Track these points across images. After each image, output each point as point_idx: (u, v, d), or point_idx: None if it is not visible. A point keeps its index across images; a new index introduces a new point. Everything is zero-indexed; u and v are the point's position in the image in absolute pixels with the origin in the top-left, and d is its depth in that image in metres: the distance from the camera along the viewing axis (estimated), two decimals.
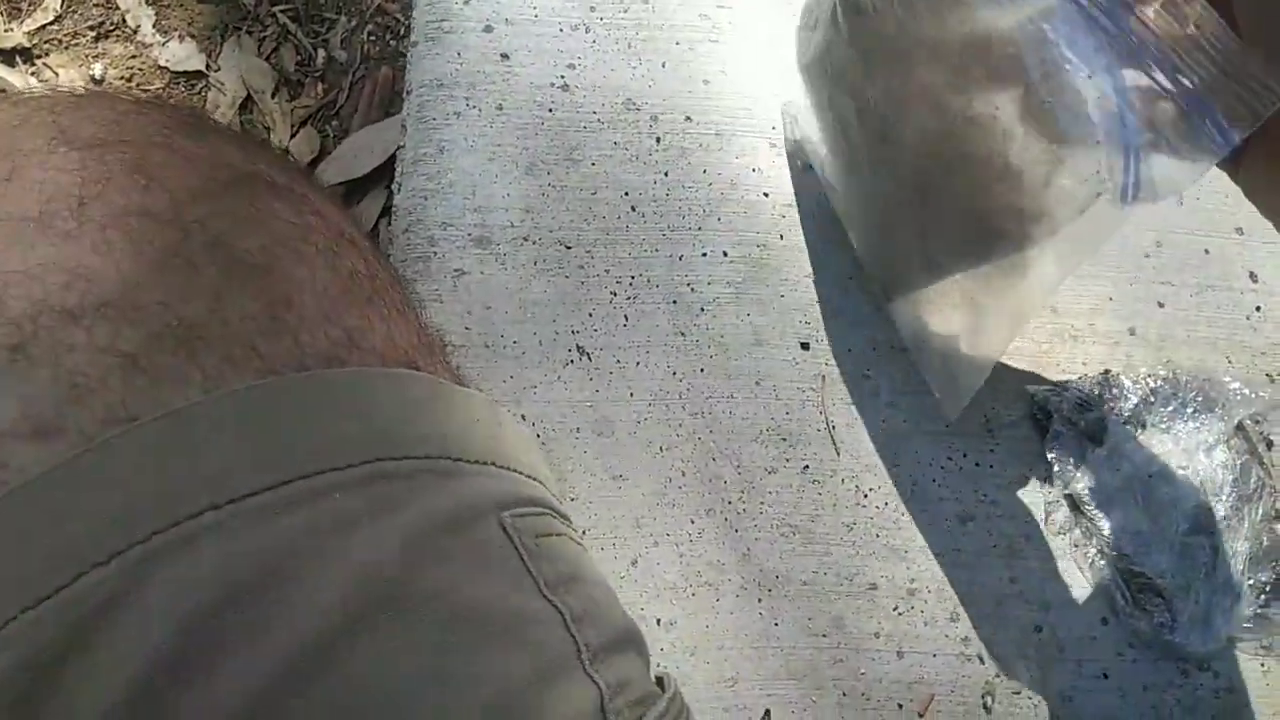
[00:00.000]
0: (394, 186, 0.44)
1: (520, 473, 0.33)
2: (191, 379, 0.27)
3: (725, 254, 0.44)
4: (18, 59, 0.70)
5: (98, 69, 0.70)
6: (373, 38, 0.71)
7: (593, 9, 0.47)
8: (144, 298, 0.27)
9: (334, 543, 0.26)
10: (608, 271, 0.43)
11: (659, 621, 0.39)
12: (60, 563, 0.23)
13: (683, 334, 0.43)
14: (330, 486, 0.26)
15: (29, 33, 0.70)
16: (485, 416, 0.33)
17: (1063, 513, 0.42)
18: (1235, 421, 0.43)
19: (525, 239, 0.43)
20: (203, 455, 0.26)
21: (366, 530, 0.26)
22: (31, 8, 0.71)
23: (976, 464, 0.42)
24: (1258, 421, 0.43)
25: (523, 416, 0.41)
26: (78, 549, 0.24)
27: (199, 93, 0.70)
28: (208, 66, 0.71)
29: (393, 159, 0.44)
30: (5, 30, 0.70)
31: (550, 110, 0.45)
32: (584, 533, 0.40)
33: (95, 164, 0.30)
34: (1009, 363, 0.43)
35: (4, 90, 0.69)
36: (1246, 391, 0.43)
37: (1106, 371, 0.43)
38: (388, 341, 0.32)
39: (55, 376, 0.26)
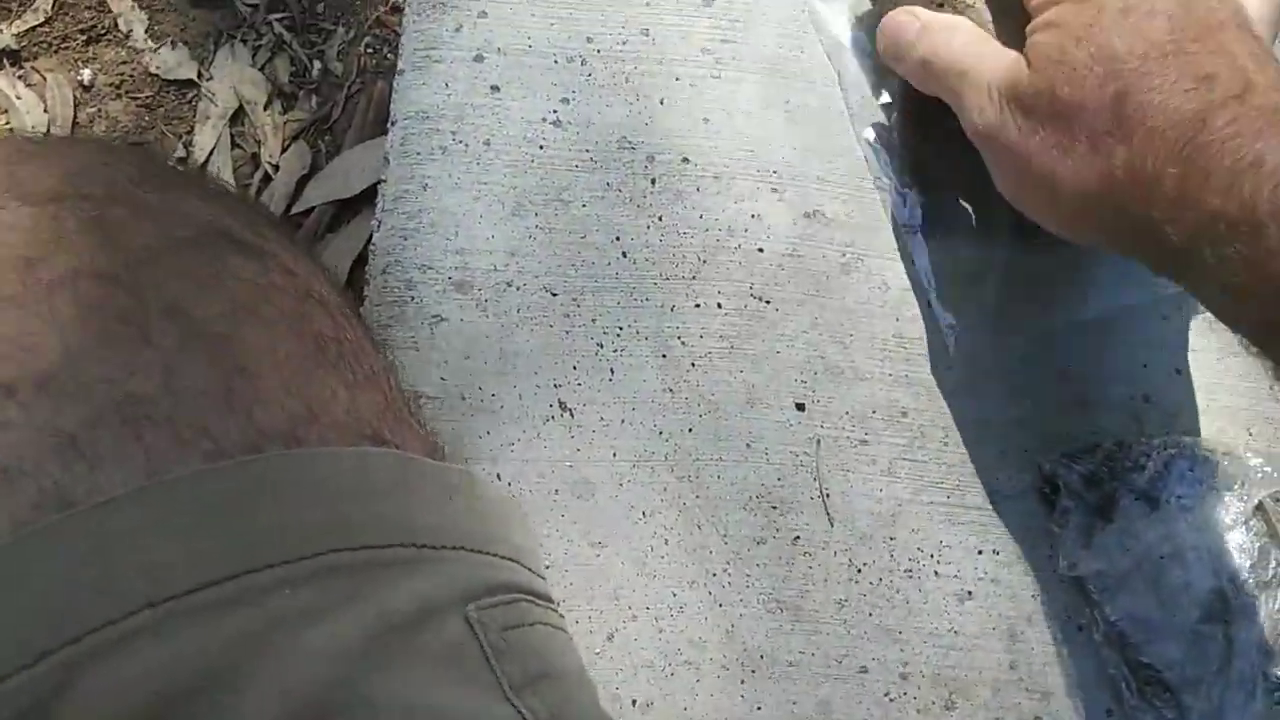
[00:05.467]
0: (374, 224, 0.42)
1: (494, 554, 0.31)
2: (135, 462, 0.25)
3: (719, 305, 0.41)
4: (5, 62, 0.68)
5: (87, 74, 0.68)
6: (370, 50, 0.69)
7: (589, 40, 0.44)
8: (88, 371, 0.25)
9: (278, 646, 0.24)
10: (594, 321, 0.41)
11: (634, 703, 0.37)
12: None
13: (671, 391, 0.40)
14: (278, 582, 0.24)
15: (17, 35, 0.68)
16: (458, 492, 0.31)
17: (1068, 594, 0.39)
18: (1255, 501, 0.40)
19: (509, 284, 0.41)
20: (141, 547, 0.24)
21: (316, 631, 0.24)
22: (21, 8, 0.69)
23: (978, 539, 0.40)
24: (1279, 501, 0.41)
25: (498, 476, 0.39)
26: (2, 649, 0.22)
27: (189, 102, 0.68)
28: (199, 75, 0.69)
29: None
30: None
31: (541, 147, 0.43)
32: (560, 603, 0.37)
33: (49, 221, 0.28)
34: (1014, 431, 0.41)
35: None
36: (1268, 469, 0.41)
37: (1119, 442, 0.41)
38: (352, 413, 0.30)
39: None
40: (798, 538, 0.39)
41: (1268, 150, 0.29)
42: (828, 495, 0.40)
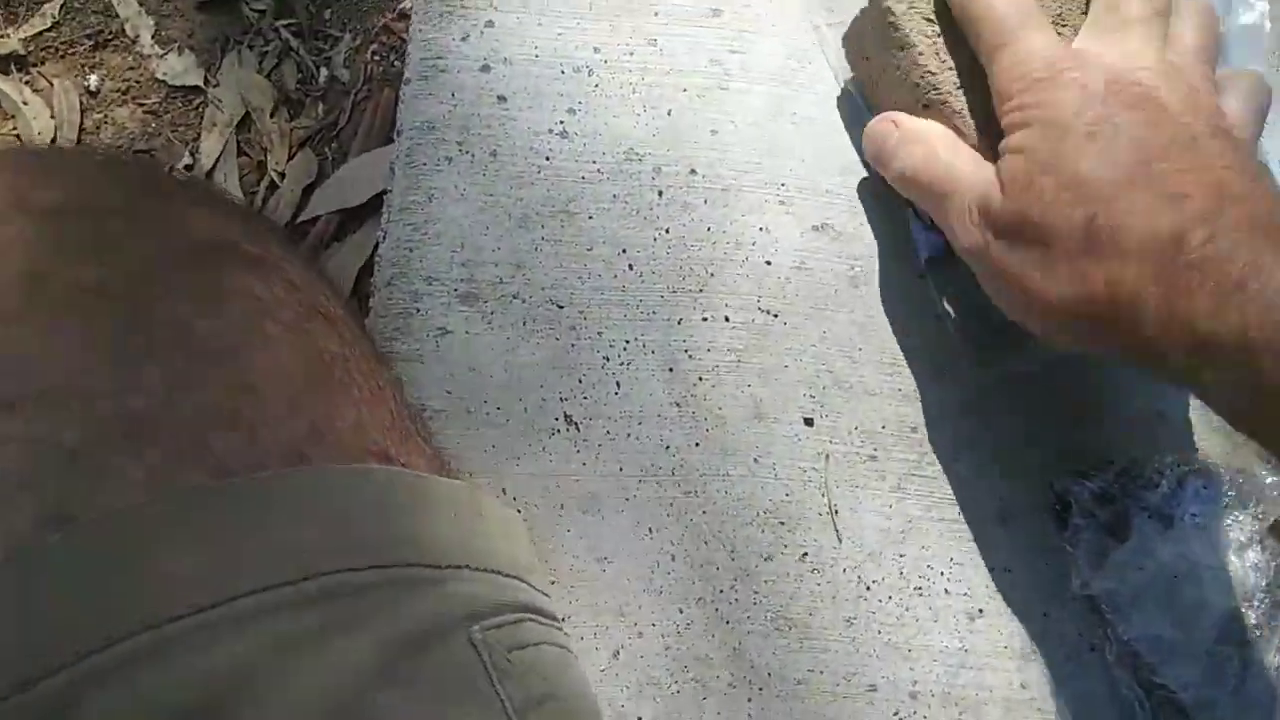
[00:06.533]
0: (379, 235, 0.42)
1: (499, 572, 0.30)
2: (136, 478, 0.24)
3: (727, 319, 0.41)
4: (12, 67, 0.68)
5: (93, 80, 0.68)
6: (377, 58, 0.68)
7: (597, 50, 0.44)
8: (90, 388, 0.25)
9: (282, 669, 0.24)
10: (600, 334, 0.40)
11: None
12: None
13: (678, 405, 0.40)
14: (281, 604, 0.24)
15: (24, 40, 0.68)
16: (464, 509, 0.31)
17: (1080, 613, 0.39)
18: (1271, 520, 0.40)
19: (515, 297, 0.41)
20: (140, 566, 0.23)
21: (318, 654, 0.24)
22: (29, 13, 0.70)
23: (988, 557, 0.39)
24: None
25: (503, 490, 0.38)
26: (1, 670, 0.22)
27: (196, 108, 0.68)
28: (206, 81, 0.68)
29: None
30: (0, 36, 0.68)
31: (547, 159, 0.42)
32: (565, 619, 0.37)
33: (52, 234, 0.28)
34: (1026, 447, 0.40)
35: None
36: None
37: (1132, 460, 0.40)
38: (357, 431, 0.29)
39: None
40: (806, 554, 0.39)
41: (1250, 271, 0.28)
42: (836, 511, 0.39)
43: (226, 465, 0.25)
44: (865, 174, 0.43)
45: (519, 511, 0.38)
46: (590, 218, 0.42)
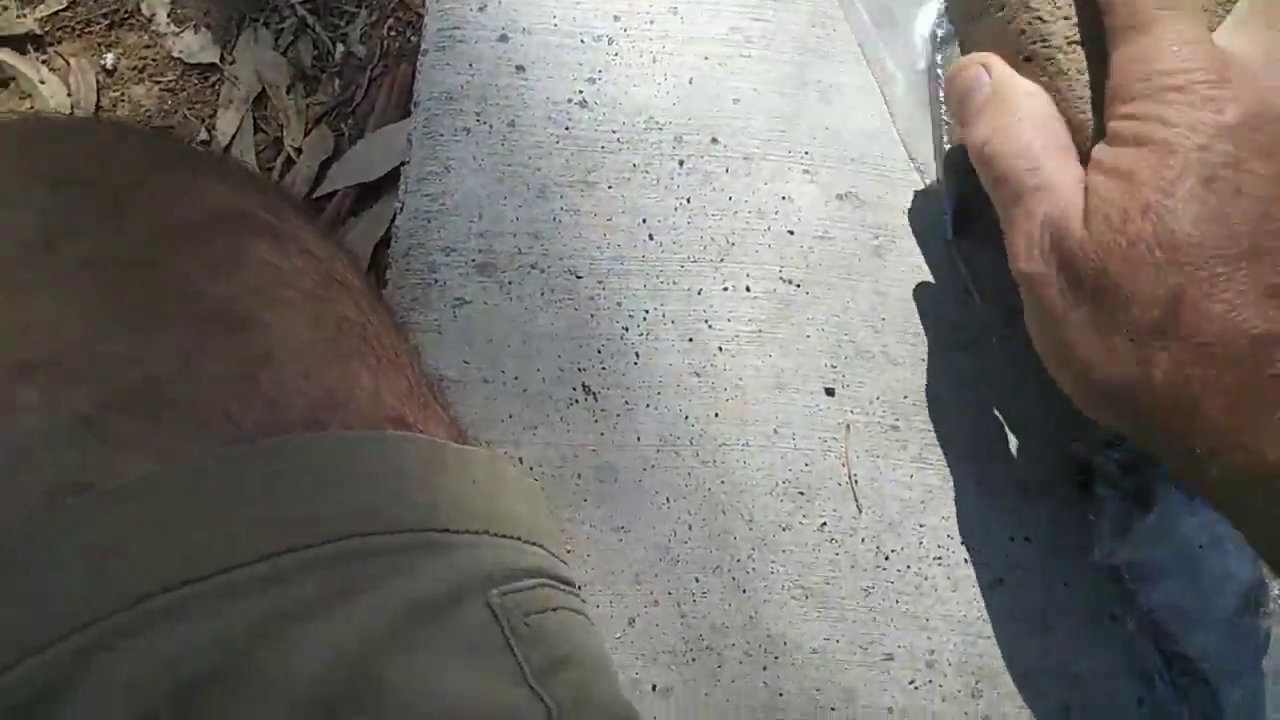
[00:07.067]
0: (397, 206, 0.42)
1: (518, 538, 0.30)
2: (151, 444, 0.24)
3: (748, 289, 0.41)
4: (29, 46, 0.68)
5: (110, 58, 0.68)
6: (393, 33, 0.68)
7: (617, 18, 0.44)
8: (106, 354, 0.25)
9: (299, 632, 0.24)
10: (620, 304, 0.40)
11: (655, 688, 0.36)
12: None
13: (697, 375, 0.40)
14: (299, 567, 0.24)
15: (40, 19, 0.68)
16: (483, 476, 0.31)
17: (1102, 583, 0.39)
18: None
19: (533, 267, 0.40)
20: (157, 532, 0.23)
21: (336, 617, 0.24)
22: None
23: (1009, 527, 0.39)
24: None
25: (520, 460, 0.38)
26: (12, 635, 0.22)
27: (212, 86, 0.68)
28: (222, 59, 0.68)
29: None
30: (17, 16, 0.68)
31: (566, 128, 0.42)
32: (582, 587, 0.37)
33: (67, 203, 0.28)
34: (1050, 417, 0.40)
35: (13, 79, 0.67)
36: None
37: None
38: (375, 398, 0.29)
39: (1, 438, 0.24)
40: (824, 524, 0.39)
41: None
42: (856, 481, 0.39)
43: (243, 432, 0.25)
44: (890, 141, 0.42)
45: (536, 481, 0.38)
46: (610, 187, 0.41)
